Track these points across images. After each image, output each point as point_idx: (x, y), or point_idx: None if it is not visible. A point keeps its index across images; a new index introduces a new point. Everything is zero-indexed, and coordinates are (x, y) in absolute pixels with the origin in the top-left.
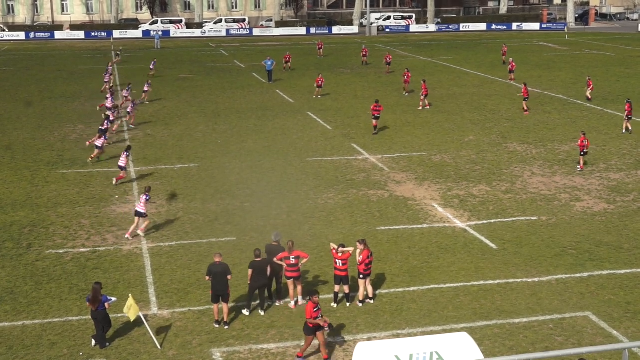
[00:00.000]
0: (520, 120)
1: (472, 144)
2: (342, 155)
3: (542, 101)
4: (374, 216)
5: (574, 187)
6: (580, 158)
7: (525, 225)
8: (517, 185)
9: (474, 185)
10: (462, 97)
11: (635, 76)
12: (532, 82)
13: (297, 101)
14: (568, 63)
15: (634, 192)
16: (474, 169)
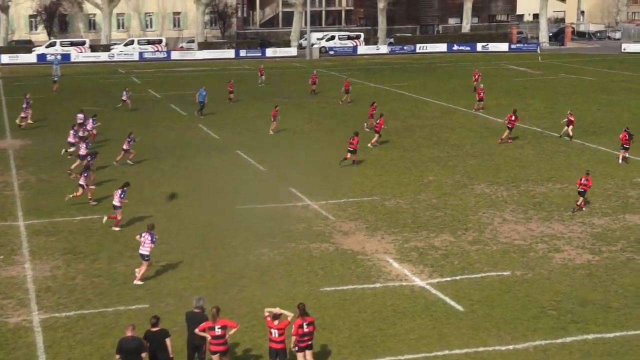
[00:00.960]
0: (488, 158)
1: (433, 186)
2: (278, 201)
3: (513, 134)
4: (316, 275)
5: (553, 235)
6: (580, 199)
7: (496, 282)
8: (486, 234)
9: (435, 235)
10: (419, 130)
11: (619, 104)
12: (501, 111)
13: (224, 137)
14: (542, 89)
15: (622, 240)
16: (435, 216)
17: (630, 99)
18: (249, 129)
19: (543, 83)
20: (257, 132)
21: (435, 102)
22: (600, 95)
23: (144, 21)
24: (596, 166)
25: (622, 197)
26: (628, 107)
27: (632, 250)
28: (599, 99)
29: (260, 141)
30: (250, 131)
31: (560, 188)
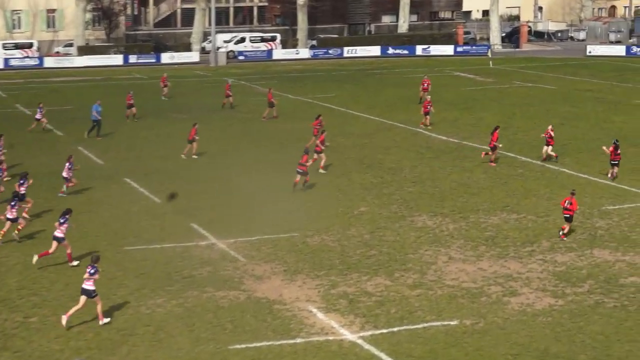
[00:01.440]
0: (430, 183)
1: (365, 219)
2: (177, 240)
3: (459, 154)
4: (224, 329)
5: (508, 275)
6: (567, 225)
7: (441, 334)
8: (429, 276)
9: (368, 278)
10: (349, 150)
11: (585, 117)
12: (446, 128)
13: (110, 162)
14: (494, 100)
15: (590, 280)
16: (367, 255)
17: (598, 111)
18: (140, 152)
19: (495, 93)
20: (151, 155)
21: (367, 116)
22: (563, 107)
23: (11, 20)
24: (558, 192)
25: (589, 229)
26: (596, 120)
27: (601, 292)
28: (562, 112)
29: (155, 167)
30: (143, 155)
31: (517, 219)
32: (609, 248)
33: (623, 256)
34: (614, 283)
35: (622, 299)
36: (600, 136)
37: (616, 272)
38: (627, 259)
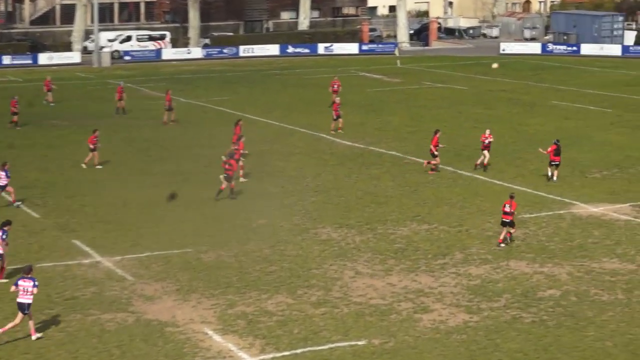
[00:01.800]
0: (335, 193)
1: (264, 232)
2: (58, 259)
3: (366, 161)
4: (110, 355)
5: (419, 290)
6: (503, 230)
7: (349, 355)
8: (335, 292)
9: (268, 296)
10: (246, 158)
11: (499, 120)
12: (352, 132)
13: None
14: (402, 102)
15: (506, 294)
16: (267, 271)
17: (513, 113)
18: (16, 162)
19: (403, 94)
20: (30, 166)
21: (266, 121)
22: (475, 109)
23: None
24: (472, 200)
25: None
26: (510, 123)
27: (518, 306)
28: (474, 114)
29: (32, 177)
30: (19, 165)
31: (428, 229)
32: (526, 259)
33: (541, 268)
34: (532, 297)
35: (541, 314)
36: (516, 140)
37: (534, 284)
38: (545, 270)
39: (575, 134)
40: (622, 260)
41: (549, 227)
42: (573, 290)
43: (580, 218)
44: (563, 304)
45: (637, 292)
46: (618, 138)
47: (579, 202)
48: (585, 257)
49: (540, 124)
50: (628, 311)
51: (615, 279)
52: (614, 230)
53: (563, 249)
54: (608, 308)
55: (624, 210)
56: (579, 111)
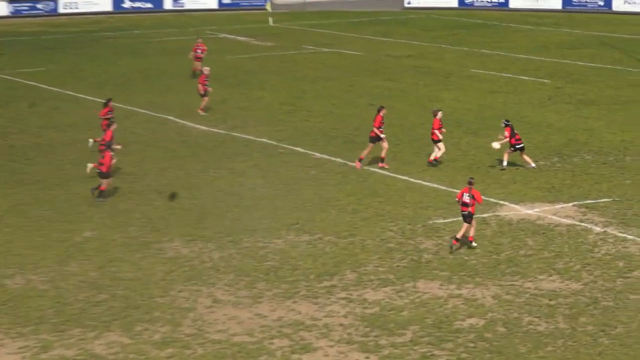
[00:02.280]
0: (186, 194)
1: (91, 248)
2: None
3: (227, 151)
4: None
5: (299, 322)
6: (463, 227)
7: None
8: (186, 327)
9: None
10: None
11: (402, 95)
12: (209, 113)
13: None
14: (276, 73)
15: (413, 326)
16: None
17: (421, 86)
18: None
19: (278, 62)
20: None
21: (93, 99)
22: (372, 81)
23: None
24: (367, 201)
25: (410, 252)
26: (418, 99)
27: (429, 341)
28: (371, 87)
29: None
30: None
31: (310, 241)
32: (439, 279)
33: (458, 289)
34: (447, 328)
35: (459, 350)
36: (425, 121)
37: (449, 312)
38: (464, 293)
39: (503, 112)
40: (563, 277)
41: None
42: (501, 319)
43: (509, 223)
44: (487, 337)
45: (584, 318)
46: (558, 117)
47: (508, 202)
48: (517, 275)
49: (457, 100)
50: (572, 344)
51: (555, 302)
52: (554, 239)
53: (487, 264)
54: (547, 341)
55: (567, 211)
56: (507, 82)
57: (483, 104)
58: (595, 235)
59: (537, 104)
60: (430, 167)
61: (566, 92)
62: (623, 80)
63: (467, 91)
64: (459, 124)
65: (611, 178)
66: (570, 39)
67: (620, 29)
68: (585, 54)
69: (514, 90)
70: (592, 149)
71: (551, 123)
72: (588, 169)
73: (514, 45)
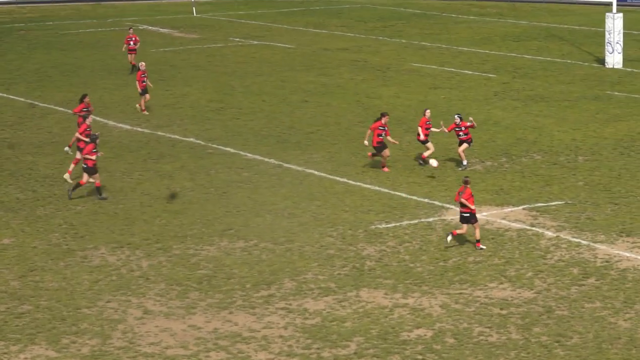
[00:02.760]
0: (111, 198)
1: (10, 256)
2: None
3: (153, 152)
4: None
5: (236, 334)
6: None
7: None
8: (115, 340)
9: (20, 347)
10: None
11: (338, 91)
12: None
13: None
14: (202, 68)
15: (357, 337)
16: (17, 312)
17: (358, 81)
18: None
19: (203, 56)
20: None
21: (6, 96)
22: (306, 76)
23: None
24: (304, 204)
25: (352, 259)
26: (355, 95)
27: (374, 353)
28: (304, 83)
29: None
30: None
31: (245, 248)
32: (383, 287)
33: (404, 298)
34: (393, 339)
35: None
36: (363, 119)
37: (395, 322)
38: (410, 302)
39: (446, 109)
40: (515, 285)
41: (415, 241)
42: (450, 329)
43: (455, 227)
44: (436, 348)
45: (537, 329)
46: (505, 114)
47: (454, 205)
48: (465, 283)
49: (396, 96)
50: (526, 356)
51: (507, 311)
52: (504, 244)
53: (434, 271)
54: (498, 352)
55: (517, 215)
56: (450, 77)
57: (424, 100)
58: (547, 241)
59: (483, 100)
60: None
61: (513, 87)
62: (573, 74)
63: (407, 87)
64: (400, 121)
65: (563, 179)
66: (516, 30)
67: (569, 20)
68: (532, 46)
69: (458, 85)
70: (542, 149)
71: (498, 121)
72: (538, 169)
73: (456, 38)
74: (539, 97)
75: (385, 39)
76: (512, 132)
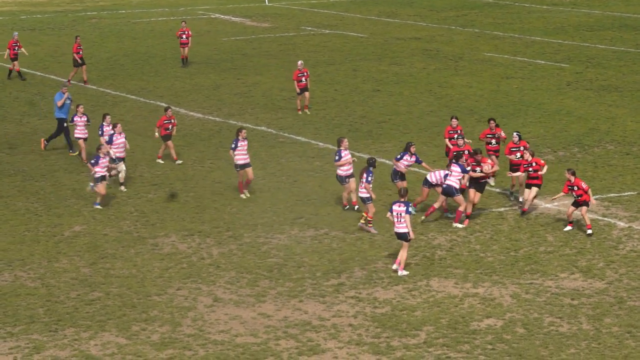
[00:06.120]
0: (181, 186)
1: (82, 243)
2: None
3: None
4: None
5: (305, 323)
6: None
7: None
8: (185, 327)
9: (91, 334)
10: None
11: (410, 80)
12: (202, 100)
13: None
14: (273, 57)
15: (427, 327)
16: (88, 299)
17: (430, 71)
18: None
19: (275, 45)
20: None
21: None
22: (378, 65)
23: None
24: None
25: (423, 249)
26: (427, 85)
27: (444, 343)
28: (376, 72)
29: None
30: None
31: (315, 236)
32: (453, 277)
33: (474, 288)
34: (463, 329)
35: (476, 352)
36: (435, 108)
37: (465, 312)
38: (480, 292)
39: (519, 99)
40: (586, 275)
41: (485, 231)
42: (520, 319)
43: (527, 218)
44: (506, 338)
45: (609, 319)
46: (578, 104)
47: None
48: (536, 273)
49: (468, 86)
50: (596, 346)
51: (578, 302)
52: (575, 235)
53: (505, 261)
54: (569, 343)
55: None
56: (523, 67)
57: (497, 90)
58: (619, 231)
59: (555, 90)
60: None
61: (586, 77)
62: None
63: (479, 76)
64: (472, 111)
65: (636, 170)
66: (589, 20)
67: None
68: (605, 36)
69: (530, 75)
70: (614, 139)
71: (570, 110)
72: (611, 159)
73: (529, 27)
74: (612, 87)
75: (457, 28)
76: (584, 122)
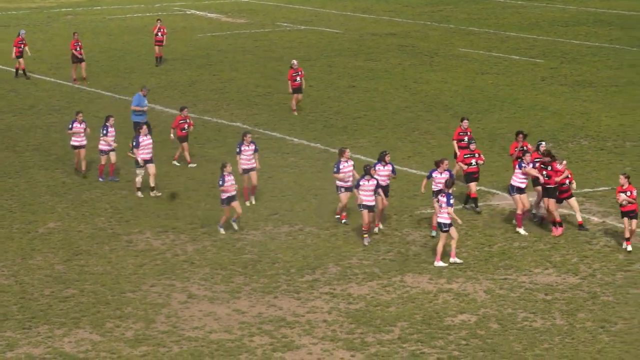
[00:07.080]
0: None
1: (56, 240)
2: None
3: (200, 137)
4: None
5: (280, 319)
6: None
7: None
8: (159, 324)
9: (64, 331)
10: (25, 134)
11: (386, 76)
12: (177, 96)
13: None
14: (249, 52)
15: (401, 322)
16: (61, 296)
17: (406, 67)
18: None
19: (251, 40)
20: None
21: (54, 80)
22: (354, 61)
23: None
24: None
25: (397, 244)
26: (402, 80)
27: (419, 338)
28: (352, 68)
29: None
30: None
31: (290, 232)
32: (427, 272)
33: (449, 284)
34: (437, 324)
35: (450, 348)
36: (410, 104)
37: (439, 308)
38: (454, 287)
39: (494, 94)
40: (560, 271)
41: (460, 227)
42: (494, 315)
43: (501, 213)
44: (480, 334)
45: (582, 314)
46: (552, 100)
47: (499, 190)
48: (510, 268)
49: (443, 81)
50: (570, 341)
51: (552, 297)
52: (549, 230)
53: (479, 256)
54: (543, 338)
55: None
56: (498, 62)
57: (472, 85)
58: (593, 226)
59: (530, 86)
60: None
61: (561, 72)
62: (622, 60)
63: (454, 72)
64: (447, 107)
65: (609, 165)
66: (564, 15)
67: (617, 5)
68: (580, 31)
69: (505, 70)
70: (589, 134)
71: (545, 106)
72: (585, 155)
73: (504, 22)
74: (586, 82)
75: (433, 24)
76: (559, 118)
